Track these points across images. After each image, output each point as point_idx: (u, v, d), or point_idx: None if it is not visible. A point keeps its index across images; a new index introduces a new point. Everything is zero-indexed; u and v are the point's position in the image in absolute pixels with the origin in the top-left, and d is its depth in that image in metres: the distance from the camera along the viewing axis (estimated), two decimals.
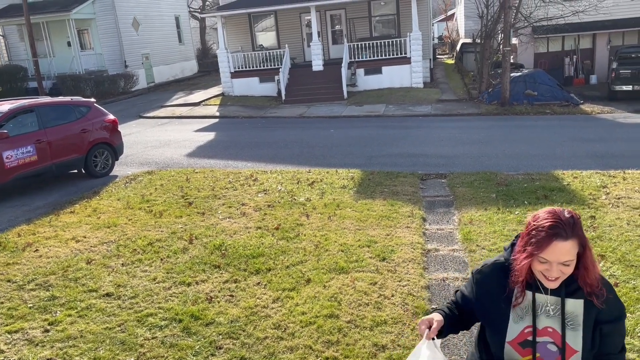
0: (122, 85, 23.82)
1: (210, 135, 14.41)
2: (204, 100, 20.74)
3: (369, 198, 7.50)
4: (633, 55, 17.39)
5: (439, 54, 37.88)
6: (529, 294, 1.84)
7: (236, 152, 11.75)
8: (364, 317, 4.22)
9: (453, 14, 42.49)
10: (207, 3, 38.66)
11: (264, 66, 21.28)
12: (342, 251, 5.57)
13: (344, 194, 7.79)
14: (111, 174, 10.05)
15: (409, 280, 4.83)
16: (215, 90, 22.96)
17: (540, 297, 1.83)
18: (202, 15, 31.27)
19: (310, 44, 20.91)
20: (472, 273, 2.03)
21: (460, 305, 2.09)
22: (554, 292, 1.82)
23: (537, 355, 1.83)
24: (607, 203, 6.74)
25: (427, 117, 15.90)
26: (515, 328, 1.85)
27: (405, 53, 20.15)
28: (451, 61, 31.99)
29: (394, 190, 7.88)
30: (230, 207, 7.33)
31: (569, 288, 1.81)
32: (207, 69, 33.54)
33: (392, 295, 4.56)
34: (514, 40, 20.21)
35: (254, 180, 8.76)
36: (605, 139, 11.69)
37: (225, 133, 14.73)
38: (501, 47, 17.61)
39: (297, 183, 8.48)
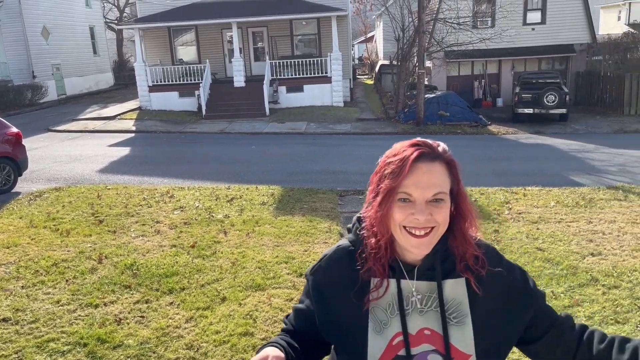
0: (29, 96, 22.43)
1: (125, 151, 13.88)
2: (119, 114, 19.98)
3: (288, 214, 7.53)
4: (533, 81, 18.84)
5: (359, 75, 39.03)
6: (392, 284, 1.24)
7: (152, 168, 11.39)
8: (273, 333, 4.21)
9: (372, 36, 44.05)
10: (125, 14, 37.47)
11: (184, 81, 20.89)
12: (260, 268, 5.54)
13: (263, 210, 7.77)
14: (13, 190, 9.39)
15: None
16: (132, 104, 22.20)
17: (406, 286, 1.23)
18: (120, 27, 30.30)
19: (232, 60, 20.83)
20: (305, 275, 1.38)
21: (297, 331, 1.37)
22: (423, 276, 1.24)
23: None
24: (509, 218, 7.21)
25: (347, 135, 16.27)
26: (378, 342, 1.21)
27: (326, 72, 20.58)
28: (371, 81, 33.05)
29: (313, 206, 7.97)
30: (144, 224, 7.08)
31: (444, 266, 1.26)
32: (124, 82, 32.39)
33: None
34: (428, 63, 21.26)
35: (170, 197, 8.53)
36: (509, 158, 12.52)
37: (141, 148, 14.24)
38: (416, 69, 18.45)
39: (216, 200, 8.36)
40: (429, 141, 1.23)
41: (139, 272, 5.42)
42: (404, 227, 1.19)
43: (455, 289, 1.25)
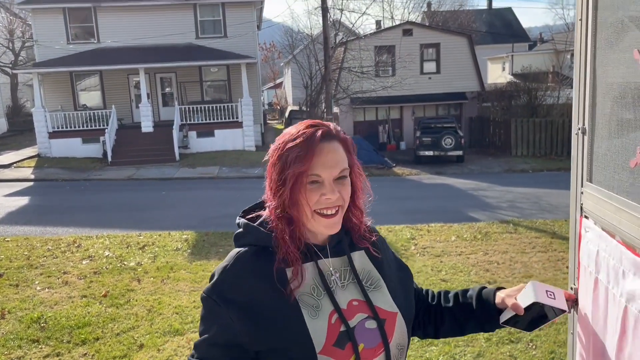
0: None
1: (24, 200, 13.07)
2: (15, 162, 18.78)
3: (204, 259, 7.51)
4: (432, 126, 20.30)
5: (270, 119, 39.71)
6: (308, 268, 1.25)
7: (56, 217, 10.83)
8: None
9: (281, 83, 45.21)
10: (20, 58, 35.66)
11: (87, 126, 20.14)
12: (177, 313, 5.49)
13: (177, 256, 7.69)
14: None
15: None
16: (29, 151, 20.96)
17: (324, 266, 1.27)
18: (16, 72, 28.77)
19: (140, 105, 20.50)
20: (204, 299, 1.25)
21: None
22: (333, 253, 1.29)
23: (361, 346, 1.21)
24: (416, 252, 7.71)
25: (260, 178, 16.18)
26: (318, 325, 1.19)
27: (237, 117, 20.83)
28: (281, 126, 33.76)
29: (229, 249, 7.98)
30: (49, 276, 6.74)
31: (347, 239, 1.33)
32: (19, 128, 30.50)
33: None
34: (336, 109, 22.23)
35: (78, 247, 8.18)
36: (413, 197, 13.33)
37: (42, 197, 13.49)
38: (325, 115, 19.24)
39: (127, 247, 8.14)
40: (321, 121, 1.25)
41: (47, 325, 5.17)
42: (315, 210, 1.20)
43: (361, 259, 1.32)
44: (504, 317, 1.32)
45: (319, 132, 1.20)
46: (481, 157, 20.84)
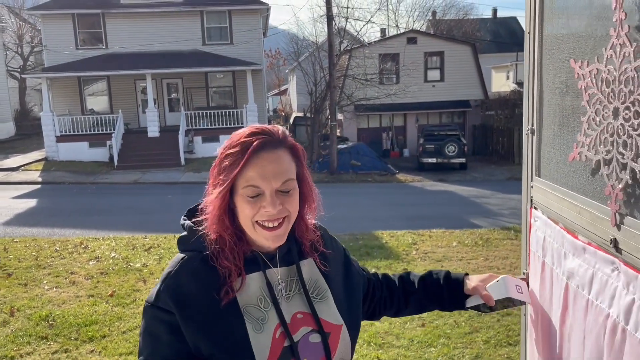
0: None
1: (31, 202, 13.26)
2: (23, 165, 19.02)
3: None
4: (435, 133, 20.44)
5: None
6: (254, 278, 1.19)
7: (63, 219, 11.00)
8: None
9: (286, 89, 45.46)
10: (29, 63, 36.07)
11: (94, 131, 20.39)
12: None
13: None
14: None
15: None
16: (37, 155, 21.20)
17: (272, 275, 1.21)
18: (25, 76, 29.12)
19: (146, 110, 20.74)
20: (147, 308, 1.18)
21: None
22: (282, 262, 1.23)
23: None
24: (417, 257, 7.82)
25: None
26: (262, 340, 1.14)
27: (242, 123, 21.01)
28: None
29: None
30: (57, 276, 6.88)
31: (295, 248, 1.27)
32: (27, 132, 30.80)
33: None
34: (340, 116, 22.40)
35: (85, 248, 8.33)
36: (416, 204, 13.44)
37: (50, 200, 13.67)
38: (329, 121, 19.41)
39: (133, 249, 8.28)
40: (268, 127, 1.18)
41: (55, 322, 5.30)
42: (256, 221, 1.14)
43: (310, 269, 1.27)
44: (470, 302, 1.45)
45: (257, 142, 1.13)
46: (484, 165, 20.94)
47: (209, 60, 21.61)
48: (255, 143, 1.13)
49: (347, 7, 21.28)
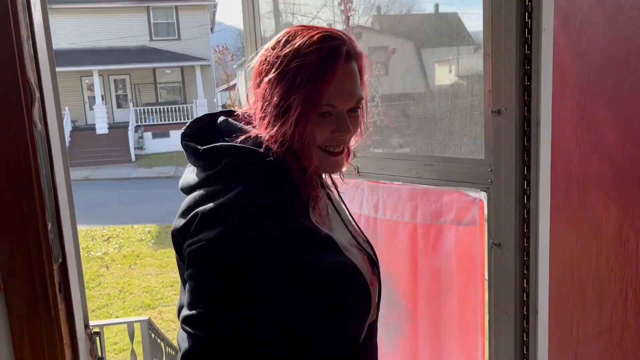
0: None
1: None
2: None
3: (168, 247, 8.02)
4: None
5: None
6: (323, 199, 1.04)
7: None
8: (173, 339, 4.81)
9: (235, 85, 45.43)
10: None
11: None
12: (147, 292, 6.03)
13: (142, 246, 8.18)
14: None
15: None
16: None
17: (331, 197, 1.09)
18: None
19: (94, 107, 20.56)
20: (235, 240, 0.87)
21: None
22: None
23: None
24: None
25: None
26: (356, 256, 1.00)
27: (192, 118, 21.12)
28: None
29: None
30: None
31: None
32: None
33: None
34: None
35: None
36: None
37: None
38: None
39: (92, 240, 8.55)
40: (336, 30, 0.95)
41: None
42: (320, 146, 0.94)
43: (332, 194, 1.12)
44: None
45: (343, 48, 0.91)
46: None
47: (157, 55, 21.60)
48: (342, 50, 0.90)
49: (294, 4, 21.78)
